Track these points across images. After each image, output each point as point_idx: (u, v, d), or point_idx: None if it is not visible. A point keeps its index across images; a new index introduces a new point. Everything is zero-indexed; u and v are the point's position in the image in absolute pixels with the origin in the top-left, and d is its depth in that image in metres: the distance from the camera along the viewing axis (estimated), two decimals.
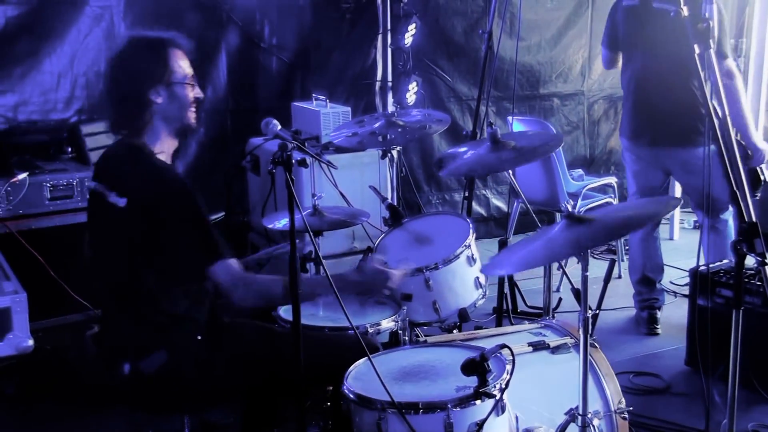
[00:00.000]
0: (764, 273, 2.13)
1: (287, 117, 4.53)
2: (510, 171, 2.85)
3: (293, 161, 2.11)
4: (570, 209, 2.23)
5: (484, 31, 3.72)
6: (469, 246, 2.81)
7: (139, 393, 2.31)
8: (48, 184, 3.65)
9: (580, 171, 5.09)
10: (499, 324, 3.79)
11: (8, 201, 3.57)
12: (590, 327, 2.32)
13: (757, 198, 5.30)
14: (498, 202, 5.77)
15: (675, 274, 4.71)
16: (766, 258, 2.09)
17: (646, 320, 4.15)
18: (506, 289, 3.98)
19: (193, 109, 2.40)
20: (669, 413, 3.27)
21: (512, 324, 3.95)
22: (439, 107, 5.47)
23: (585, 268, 2.18)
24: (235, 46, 4.79)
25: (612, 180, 4.92)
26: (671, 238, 5.64)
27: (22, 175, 3.57)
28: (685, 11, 2.20)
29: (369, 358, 2.06)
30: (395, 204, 3.06)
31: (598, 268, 4.40)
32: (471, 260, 2.81)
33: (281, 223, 3.03)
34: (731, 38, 2.14)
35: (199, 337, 2.32)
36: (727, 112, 2.26)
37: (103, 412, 2.46)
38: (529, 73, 5.80)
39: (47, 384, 3.46)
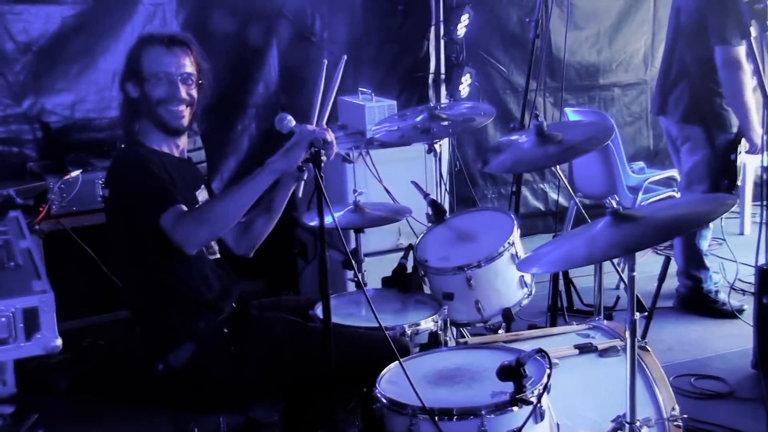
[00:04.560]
0: None
1: (334, 112, 4.48)
2: (557, 167, 2.73)
3: (339, 155, 2.04)
4: (615, 205, 2.12)
5: (531, 20, 3.58)
6: (513, 243, 2.70)
7: (172, 390, 2.31)
8: (100, 182, 3.69)
9: (641, 164, 4.90)
10: (553, 323, 3.67)
11: (62, 198, 3.64)
12: (640, 329, 2.20)
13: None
14: (556, 196, 5.61)
15: (744, 272, 4.48)
16: None
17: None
18: (561, 287, 3.87)
19: (170, 108, 2.37)
20: (731, 419, 3.10)
21: (566, 322, 3.83)
22: (495, 99, 5.35)
23: (632, 268, 2.07)
24: (286, 40, 4.76)
25: (674, 173, 4.70)
26: (741, 233, 5.39)
27: (76, 173, 3.62)
28: None
29: (400, 362, 1.99)
30: (437, 200, 2.97)
31: (657, 264, 4.23)
32: (515, 258, 2.70)
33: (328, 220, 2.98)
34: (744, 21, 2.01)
35: (226, 330, 2.30)
36: None
37: (150, 408, 2.48)
38: (588, 63, 5.62)
39: (99, 380, 3.52)
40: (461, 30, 4.97)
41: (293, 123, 2.19)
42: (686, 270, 4.13)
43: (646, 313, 2.50)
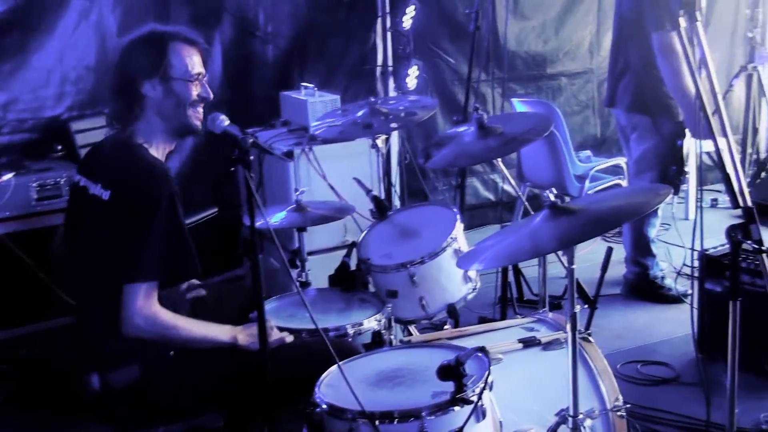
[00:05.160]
0: (763, 263, 1.98)
1: (277, 108, 4.41)
2: (499, 159, 2.71)
3: (277, 154, 2.00)
4: (553, 198, 2.11)
5: (470, 11, 3.56)
6: (456, 238, 2.68)
7: (111, 407, 2.24)
8: (34, 184, 3.58)
9: (588, 152, 4.93)
10: (503, 314, 3.67)
11: None
12: (583, 321, 2.19)
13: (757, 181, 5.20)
14: (506, 186, 5.62)
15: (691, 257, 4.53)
16: (763, 245, 1.95)
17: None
18: (511, 277, 3.87)
19: (197, 109, 2.30)
20: (675, 404, 3.14)
21: (516, 313, 3.84)
22: (443, 91, 5.34)
23: (570, 261, 2.06)
24: (229, 35, 4.67)
25: (621, 161, 4.73)
26: (686, 218, 5.46)
27: (7, 176, 3.50)
28: None
29: (339, 366, 1.95)
30: (380, 196, 2.93)
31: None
32: (458, 253, 2.68)
33: (270, 220, 2.92)
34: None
35: (171, 353, 2.24)
36: None
37: (88, 423, 2.40)
38: (535, 52, 5.64)
39: (37, 391, 3.41)
40: (408, 22, 4.93)
41: (226, 122, 2.12)
42: (634, 257, 4.17)
43: (588, 305, 2.50)
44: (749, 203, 1.98)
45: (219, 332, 2.26)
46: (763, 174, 5.86)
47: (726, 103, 6.04)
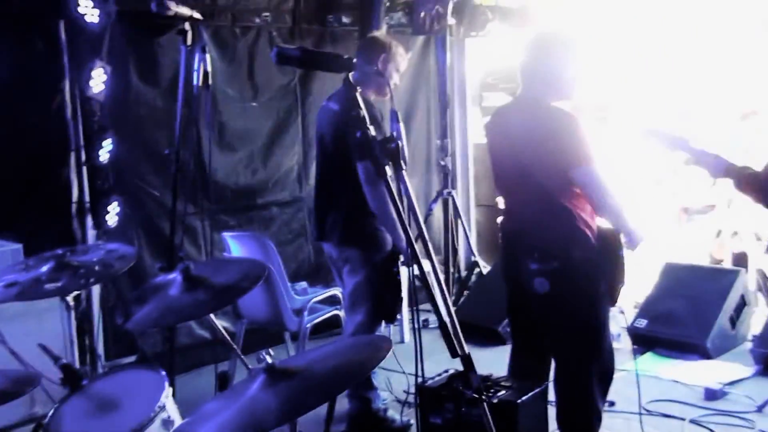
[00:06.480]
0: (484, 409, 1.95)
1: None
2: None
3: None
4: (269, 359, 1.93)
5: (169, 151, 3.36)
6: (164, 407, 2.36)
7: None
8: None
9: (303, 284, 4.85)
10: None
11: None
12: None
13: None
14: (223, 322, 5.34)
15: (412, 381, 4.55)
16: (482, 395, 1.92)
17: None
18: None
19: None
20: None
21: None
22: (149, 226, 5.02)
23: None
24: None
25: (337, 291, 4.71)
26: (402, 341, 5.58)
27: None
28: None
29: None
30: (72, 363, 2.52)
31: None
32: (168, 425, 2.35)
33: None
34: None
35: None
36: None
37: None
38: (244, 183, 5.57)
39: None
40: (104, 155, 4.60)
41: None
42: (354, 391, 4.08)
43: None
44: (466, 351, 1.96)
45: None
46: (465, 292, 6.25)
47: (427, 227, 6.45)
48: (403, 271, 3.97)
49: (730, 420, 4.01)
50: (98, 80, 4.51)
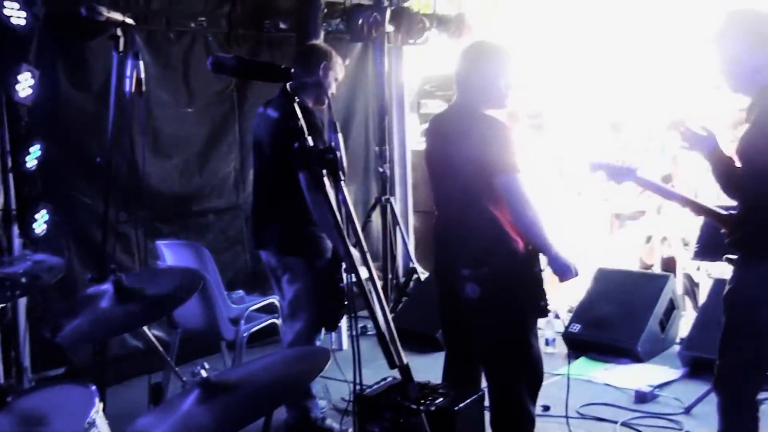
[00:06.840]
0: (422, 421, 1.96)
1: None
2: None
3: None
4: (204, 373, 1.89)
5: (101, 160, 3.27)
6: (94, 423, 2.29)
7: None
8: None
9: (240, 292, 4.78)
10: None
11: None
12: None
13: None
14: (157, 331, 5.23)
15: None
16: (420, 405, 1.92)
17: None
18: None
19: None
20: None
21: None
22: (80, 235, 4.88)
23: None
24: None
25: (274, 299, 4.65)
26: (340, 348, 5.57)
27: None
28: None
29: None
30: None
31: None
32: None
33: None
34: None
35: None
36: None
37: None
38: (179, 190, 5.47)
39: None
40: (32, 161, 4.45)
41: None
42: (293, 401, 4.05)
43: None
44: (404, 361, 1.96)
45: None
46: (404, 299, 6.26)
47: (366, 233, 6.45)
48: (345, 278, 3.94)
49: (659, 422, 4.13)
50: (25, 84, 4.36)
